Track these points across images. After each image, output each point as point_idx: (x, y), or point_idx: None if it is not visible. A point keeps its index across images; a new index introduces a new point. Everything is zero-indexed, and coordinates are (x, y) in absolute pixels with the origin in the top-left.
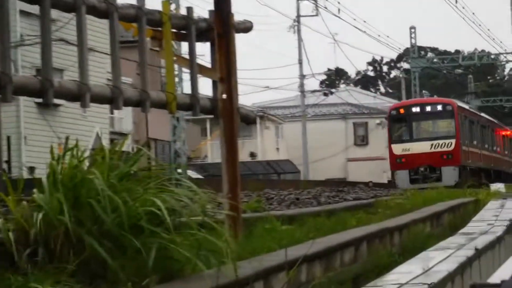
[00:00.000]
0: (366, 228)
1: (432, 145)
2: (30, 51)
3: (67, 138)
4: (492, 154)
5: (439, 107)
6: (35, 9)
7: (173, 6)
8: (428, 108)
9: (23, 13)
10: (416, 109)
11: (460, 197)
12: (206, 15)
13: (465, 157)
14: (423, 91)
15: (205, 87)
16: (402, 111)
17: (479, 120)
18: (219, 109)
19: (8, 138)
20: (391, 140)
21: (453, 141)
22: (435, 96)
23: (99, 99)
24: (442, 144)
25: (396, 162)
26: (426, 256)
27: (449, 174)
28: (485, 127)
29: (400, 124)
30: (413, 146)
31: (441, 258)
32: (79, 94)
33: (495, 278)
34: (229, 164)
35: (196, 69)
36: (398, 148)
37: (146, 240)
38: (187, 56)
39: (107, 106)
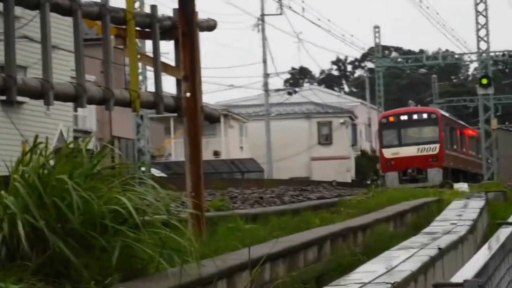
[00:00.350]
0: (330, 228)
1: (418, 149)
2: None
3: (36, 136)
4: (466, 156)
5: (425, 115)
6: None
7: (137, 4)
8: (415, 116)
9: None
10: (404, 117)
11: (424, 196)
12: (170, 13)
13: (447, 159)
14: (410, 101)
15: (169, 85)
16: (391, 119)
17: (456, 125)
18: (183, 107)
19: None
20: (382, 145)
21: (438, 145)
22: (418, 104)
23: (62, 97)
24: (427, 149)
25: (387, 165)
26: (389, 255)
27: (434, 175)
28: (460, 131)
29: (389, 130)
30: (401, 150)
31: (404, 258)
32: (43, 92)
33: (457, 278)
34: (192, 162)
35: (160, 68)
36: (388, 152)
37: (110, 239)
38: (151, 55)
39: (70, 104)
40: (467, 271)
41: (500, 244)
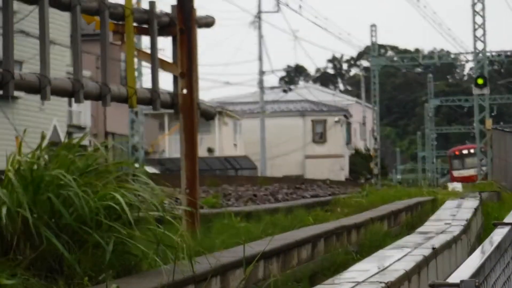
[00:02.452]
0: (324, 226)
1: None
2: None
3: (24, 131)
4: None
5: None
6: None
7: (134, 0)
8: (471, 151)
9: None
10: (465, 151)
11: (418, 196)
12: (168, 9)
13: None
14: (466, 141)
15: (165, 81)
16: (457, 152)
17: None
18: (180, 104)
19: None
20: (452, 169)
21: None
22: None
23: (60, 92)
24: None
25: (456, 181)
26: (383, 254)
27: None
28: None
29: (456, 160)
30: (464, 172)
31: (398, 257)
32: (40, 87)
33: (454, 278)
34: (188, 159)
35: (157, 64)
36: (456, 173)
37: (104, 235)
38: (148, 51)
39: (65, 99)
40: (464, 271)
41: (496, 244)
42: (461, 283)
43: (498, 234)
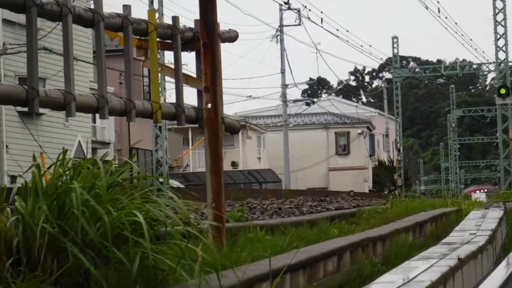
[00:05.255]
0: (349, 238)
1: None
2: (13, 59)
3: (65, 150)
4: None
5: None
6: (17, 17)
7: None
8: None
9: (6, 22)
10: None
11: (442, 206)
12: (191, 24)
13: None
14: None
15: (190, 96)
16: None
17: None
18: (204, 118)
19: None
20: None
21: None
22: None
23: (84, 108)
24: None
25: None
26: (408, 266)
27: None
28: None
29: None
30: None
31: (423, 268)
32: (65, 103)
33: None
34: (213, 174)
35: (181, 79)
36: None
37: (130, 250)
38: (171, 65)
39: (88, 115)
40: (492, 282)
41: None
42: None
43: None
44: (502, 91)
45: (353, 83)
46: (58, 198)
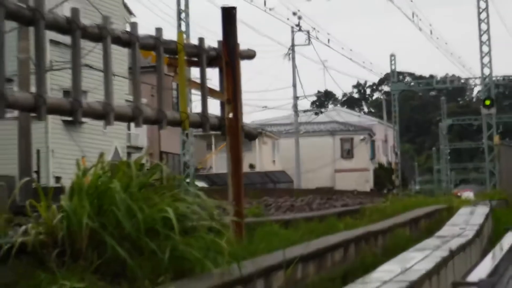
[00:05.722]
0: (354, 232)
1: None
2: (58, 75)
3: (102, 154)
4: None
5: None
6: (62, 37)
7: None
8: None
9: (53, 42)
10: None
11: (435, 204)
12: (215, 44)
13: None
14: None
15: (213, 107)
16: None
17: None
18: (226, 126)
19: (38, 151)
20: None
21: None
22: None
23: (121, 117)
24: None
25: None
26: (406, 256)
27: None
28: None
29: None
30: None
31: (419, 258)
32: (104, 113)
33: (473, 277)
34: (234, 175)
35: (206, 92)
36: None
37: (161, 243)
38: (197, 80)
39: (124, 123)
40: (481, 271)
41: (509, 247)
42: (479, 282)
43: (509, 237)
44: (487, 102)
45: (356, 95)
46: (98, 196)
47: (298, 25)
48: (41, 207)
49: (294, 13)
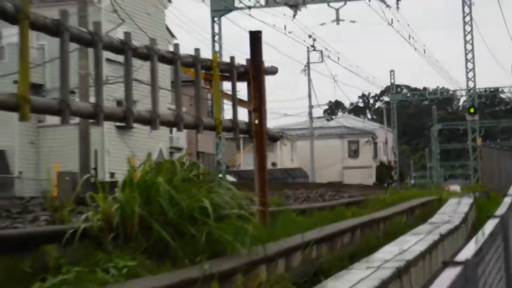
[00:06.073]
0: (359, 219)
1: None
2: (112, 87)
3: (149, 154)
4: None
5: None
6: (115, 56)
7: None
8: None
9: (108, 60)
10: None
11: (428, 195)
12: (243, 62)
13: None
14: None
15: (242, 114)
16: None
17: None
18: (253, 131)
19: (95, 151)
20: None
21: None
22: None
23: (165, 123)
24: None
25: None
26: (403, 239)
27: None
28: None
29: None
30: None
31: (415, 241)
32: (151, 120)
33: (460, 257)
34: (260, 171)
35: (236, 102)
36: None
37: (198, 228)
38: (229, 92)
39: (168, 128)
40: (467, 252)
41: (490, 231)
42: (466, 261)
43: (491, 224)
44: (471, 110)
45: (361, 105)
46: (146, 189)
47: (312, 45)
48: (99, 198)
49: (310, 36)
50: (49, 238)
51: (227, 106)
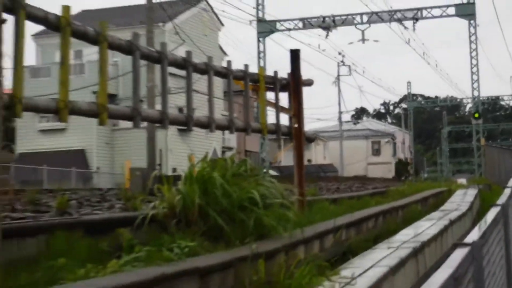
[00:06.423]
0: (382, 207)
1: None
2: (174, 97)
3: (206, 154)
4: None
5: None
6: (177, 71)
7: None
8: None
9: (171, 74)
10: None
11: (439, 187)
12: (285, 75)
13: None
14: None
15: (283, 119)
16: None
17: None
18: (293, 133)
19: (160, 150)
20: None
21: None
22: None
23: (220, 127)
24: None
25: None
26: (418, 224)
27: None
28: None
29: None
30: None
31: (428, 226)
32: (208, 124)
33: (467, 240)
34: (298, 167)
35: (279, 109)
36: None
37: (247, 214)
38: (273, 101)
39: (221, 131)
40: (473, 235)
41: (492, 218)
42: (473, 243)
43: (493, 211)
44: (476, 115)
45: (383, 111)
46: (203, 182)
47: (342, 61)
48: (165, 189)
49: (339, 53)
50: (123, 223)
51: (271, 112)
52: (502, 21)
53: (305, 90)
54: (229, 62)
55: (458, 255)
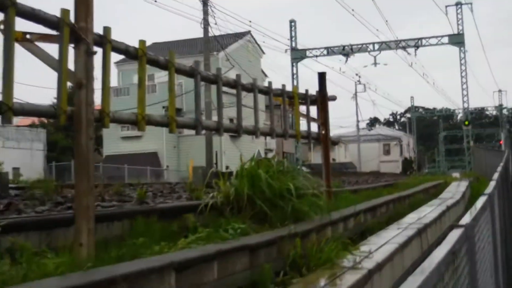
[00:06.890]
0: (392, 196)
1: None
2: (226, 110)
3: (253, 155)
4: None
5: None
6: (227, 89)
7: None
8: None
9: (224, 92)
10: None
11: (437, 180)
12: (314, 92)
13: None
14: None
15: (313, 127)
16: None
17: None
18: (321, 138)
19: (216, 152)
20: None
21: None
22: None
23: (264, 133)
24: None
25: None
26: (421, 209)
27: None
28: None
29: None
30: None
31: (429, 211)
32: (254, 131)
33: (462, 222)
34: (325, 165)
35: (309, 119)
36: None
37: (286, 202)
38: (304, 112)
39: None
40: (466, 218)
41: (481, 205)
42: (466, 224)
43: (482, 199)
44: (466, 123)
45: (391, 119)
46: (251, 177)
47: (358, 80)
48: (221, 183)
49: (356, 74)
50: (188, 209)
51: (303, 122)
52: (486, 48)
53: (330, 104)
54: (270, 83)
55: (454, 234)
